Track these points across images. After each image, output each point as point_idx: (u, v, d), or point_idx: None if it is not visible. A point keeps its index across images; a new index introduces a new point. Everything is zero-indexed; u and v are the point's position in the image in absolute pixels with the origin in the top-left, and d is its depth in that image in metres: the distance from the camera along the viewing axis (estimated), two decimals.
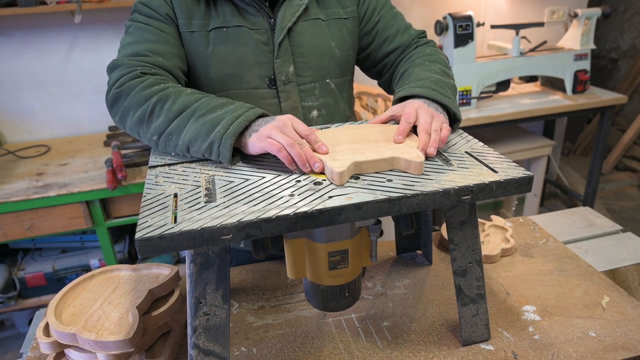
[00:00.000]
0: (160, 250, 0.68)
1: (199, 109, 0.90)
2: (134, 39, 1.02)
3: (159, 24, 1.04)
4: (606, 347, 0.90)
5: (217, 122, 0.87)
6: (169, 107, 0.91)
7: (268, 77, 1.09)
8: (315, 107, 1.14)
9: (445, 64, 1.11)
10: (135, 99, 0.93)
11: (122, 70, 0.97)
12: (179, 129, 0.90)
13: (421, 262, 1.18)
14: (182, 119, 0.90)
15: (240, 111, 0.88)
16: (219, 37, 1.05)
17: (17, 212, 1.94)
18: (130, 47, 1.01)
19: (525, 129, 3.10)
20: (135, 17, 1.05)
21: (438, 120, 0.92)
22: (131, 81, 0.95)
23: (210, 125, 0.87)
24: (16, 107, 2.43)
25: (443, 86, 1.00)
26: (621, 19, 4.16)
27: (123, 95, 0.95)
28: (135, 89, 0.94)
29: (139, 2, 1.06)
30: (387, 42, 1.18)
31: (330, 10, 1.13)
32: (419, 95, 0.98)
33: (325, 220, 0.73)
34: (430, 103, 0.96)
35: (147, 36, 1.02)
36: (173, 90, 0.93)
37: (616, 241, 1.48)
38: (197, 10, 1.05)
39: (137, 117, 0.93)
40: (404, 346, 0.93)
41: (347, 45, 1.15)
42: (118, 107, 0.96)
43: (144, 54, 1.00)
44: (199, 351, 0.79)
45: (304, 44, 1.10)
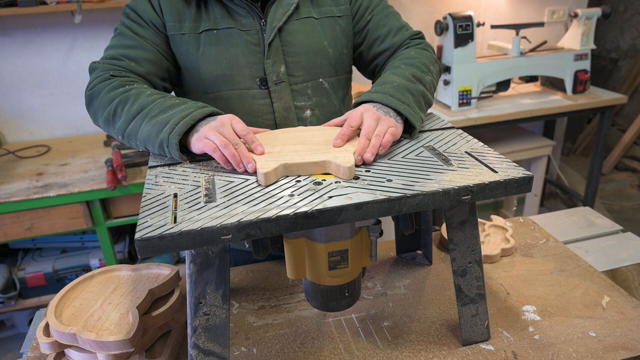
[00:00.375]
0: (160, 250, 0.68)
1: (153, 110, 0.93)
2: (114, 43, 1.08)
3: (141, 29, 1.06)
4: (606, 347, 0.90)
5: (165, 122, 0.90)
6: (128, 109, 0.95)
7: (259, 77, 1.08)
8: (308, 106, 1.13)
9: (424, 68, 1.06)
10: (102, 100, 0.98)
11: (96, 74, 1.03)
12: (135, 129, 0.94)
13: (421, 262, 1.18)
14: (137, 120, 0.94)
15: (188, 111, 0.90)
16: (209, 39, 1.06)
17: (17, 212, 1.94)
18: (109, 51, 1.07)
19: (525, 129, 3.10)
20: (122, 21, 1.09)
21: (383, 124, 0.90)
22: (101, 83, 1.00)
23: (159, 126, 0.90)
24: (16, 107, 2.43)
25: (403, 92, 0.97)
26: (621, 19, 4.16)
27: (94, 96, 1.00)
28: (103, 91, 0.99)
29: (127, 7, 1.08)
30: (378, 43, 1.16)
31: (323, 9, 1.13)
32: (374, 100, 0.96)
33: (325, 220, 0.73)
34: (382, 107, 0.94)
35: (126, 42, 1.06)
36: (134, 92, 0.97)
37: (616, 241, 1.48)
38: (188, 13, 1.06)
39: (104, 117, 0.99)
40: (404, 346, 0.93)
41: (340, 44, 1.14)
42: (91, 109, 1.02)
43: (118, 57, 1.04)
44: (199, 351, 0.79)
45: (295, 44, 1.09)
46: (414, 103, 0.97)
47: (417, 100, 0.99)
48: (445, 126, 1.04)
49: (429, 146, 0.93)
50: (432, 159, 0.87)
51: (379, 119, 0.90)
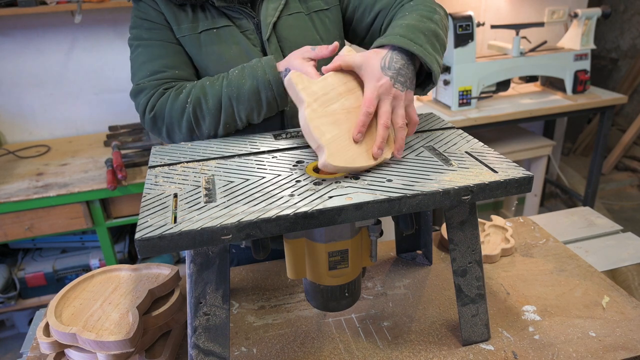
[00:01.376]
0: (160, 250, 0.68)
1: (231, 92, 0.97)
2: (146, 57, 1.04)
3: (163, 34, 1.05)
4: (606, 347, 0.90)
5: (256, 91, 0.95)
6: (207, 108, 0.98)
7: None
8: None
9: (430, 9, 0.99)
10: (173, 114, 1.00)
11: (147, 94, 1.02)
12: (230, 117, 0.98)
13: (421, 262, 1.18)
14: (226, 109, 0.98)
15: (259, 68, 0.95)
16: (210, 38, 1.06)
17: (17, 212, 1.94)
18: (145, 66, 1.04)
19: (525, 129, 3.10)
20: (138, 35, 1.06)
21: (400, 106, 0.85)
22: (159, 100, 1.01)
23: (255, 96, 0.95)
24: (16, 107, 2.43)
25: (414, 31, 0.90)
26: (621, 19, 4.16)
27: (158, 117, 1.01)
28: (167, 106, 1.00)
29: (136, 17, 1.07)
30: (368, 11, 1.12)
31: (310, 3, 1.12)
32: (383, 45, 0.89)
33: (325, 220, 0.73)
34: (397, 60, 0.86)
35: (158, 51, 1.04)
36: (197, 91, 0.99)
37: (616, 241, 1.48)
38: (184, 15, 1.06)
39: (185, 128, 1.01)
40: (404, 346, 0.93)
41: (333, 36, 1.14)
42: (160, 129, 1.03)
43: (160, 70, 1.04)
44: (199, 351, 0.79)
45: (290, 39, 1.09)
46: (427, 43, 0.91)
47: (430, 40, 0.92)
48: (445, 126, 1.04)
49: (429, 146, 0.93)
50: (432, 159, 0.87)
51: (395, 97, 0.84)
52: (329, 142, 0.81)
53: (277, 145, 0.97)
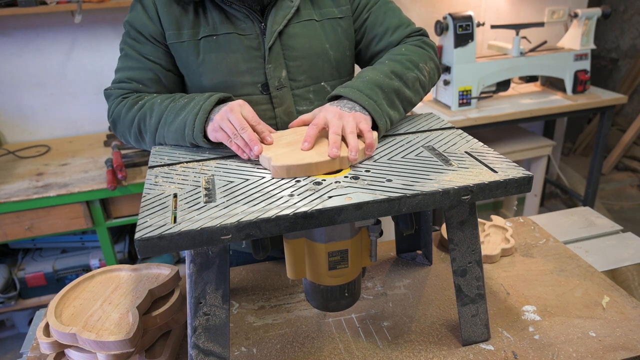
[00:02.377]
0: (160, 250, 0.68)
1: (168, 117, 0.99)
2: (120, 65, 1.10)
3: (142, 47, 1.07)
4: (606, 347, 0.90)
5: (183, 125, 0.95)
6: (149, 123, 1.02)
7: (260, 83, 1.07)
8: (310, 111, 1.11)
9: (409, 65, 1.03)
10: (124, 123, 1.05)
11: (111, 100, 1.09)
12: (163, 138, 1.01)
13: (421, 262, 1.18)
14: (160, 130, 1.00)
15: (197, 107, 0.95)
16: (209, 45, 1.05)
17: (17, 212, 1.94)
18: (117, 74, 1.10)
19: (525, 129, 3.10)
20: (125, 40, 1.10)
21: (348, 119, 0.89)
22: (117, 108, 1.07)
23: (180, 130, 0.96)
24: (16, 107, 2.43)
25: (372, 87, 0.96)
26: (621, 19, 4.16)
27: (116, 122, 1.07)
28: (122, 114, 1.05)
29: (127, 23, 1.08)
30: (375, 42, 1.14)
31: (324, 10, 1.11)
32: (341, 95, 0.96)
33: (325, 220, 0.73)
34: (348, 103, 0.94)
35: (130, 63, 1.08)
36: (148, 105, 1.03)
37: (616, 241, 1.48)
38: (186, 19, 1.05)
39: (133, 137, 1.06)
40: (404, 346, 0.93)
41: (343, 46, 1.13)
42: (118, 133, 1.10)
43: (125, 81, 1.08)
44: (199, 351, 0.79)
45: (296, 47, 1.08)
46: (383, 99, 0.96)
47: (388, 97, 0.97)
48: (445, 126, 1.04)
49: (429, 146, 0.93)
50: (432, 159, 0.87)
51: (342, 116, 0.90)
52: (276, 154, 0.86)
53: None
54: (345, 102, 0.94)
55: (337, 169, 0.84)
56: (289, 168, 0.83)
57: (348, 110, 0.92)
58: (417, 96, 1.05)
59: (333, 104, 0.94)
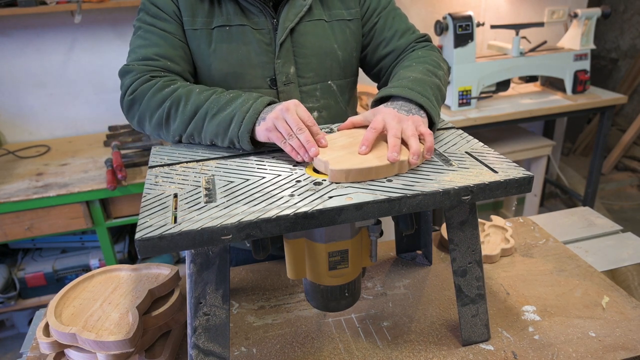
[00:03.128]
0: (160, 250, 0.68)
1: (211, 108, 0.94)
2: (143, 42, 1.04)
3: (166, 24, 1.05)
4: (606, 347, 0.90)
5: (229, 120, 0.91)
6: (182, 110, 0.95)
7: (269, 77, 1.08)
8: (315, 108, 1.13)
9: (435, 64, 1.06)
10: (150, 103, 0.98)
11: (133, 76, 1.00)
12: (197, 130, 0.95)
13: (421, 262, 1.18)
14: (197, 121, 0.95)
15: (248, 104, 0.92)
16: (221, 35, 1.05)
17: (17, 212, 1.94)
18: (140, 50, 1.04)
19: (525, 129, 3.10)
20: (142, 18, 1.06)
21: (408, 123, 0.86)
22: (143, 86, 0.99)
23: (224, 125, 0.92)
24: (16, 107, 2.43)
25: (422, 84, 0.95)
26: (621, 19, 4.16)
27: (137, 100, 0.99)
28: (148, 94, 0.98)
29: (146, 1, 1.07)
30: (383, 45, 1.16)
31: (334, 12, 1.12)
32: (394, 95, 0.95)
33: (325, 221, 0.73)
34: (404, 105, 0.92)
35: (156, 39, 1.03)
36: (183, 91, 0.97)
37: (616, 241, 1.48)
38: (201, 8, 1.05)
39: (155, 121, 0.98)
40: (404, 346, 0.93)
41: (350, 47, 1.14)
42: (134, 112, 1.01)
43: (153, 57, 1.02)
44: (199, 351, 0.79)
45: (306, 45, 1.09)
46: (433, 97, 0.95)
47: (435, 94, 0.97)
48: (445, 126, 1.04)
49: None
50: (432, 159, 0.87)
51: (400, 120, 0.87)
52: (333, 158, 0.83)
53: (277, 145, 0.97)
54: (401, 104, 0.92)
55: (396, 173, 0.83)
56: (348, 172, 0.80)
57: (405, 113, 0.90)
58: (446, 94, 1.06)
59: (388, 106, 0.92)
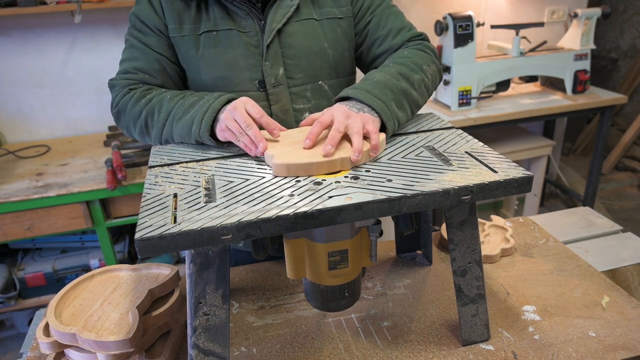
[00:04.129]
0: (160, 250, 0.68)
1: (177, 113, 0.99)
2: (126, 56, 1.10)
3: (148, 38, 1.08)
4: (606, 347, 0.90)
5: (191, 122, 0.96)
6: (157, 119, 1.02)
7: (257, 79, 1.08)
8: (307, 109, 1.12)
9: (414, 67, 1.03)
10: (130, 115, 1.05)
11: (116, 91, 1.08)
12: (169, 134, 1.01)
13: (421, 262, 1.18)
14: (168, 126, 1.01)
15: (207, 105, 0.95)
16: (208, 40, 1.06)
17: (17, 212, 1.94)
18: (123, 64, 1.10)
19: (525, 129, 3.10)
20: (130, 31, 1.11)
21: (355, 120, 0.88)
22: (123, 99, 1.06)
23: (187, 128, 0.96)
24: (16, 107, 2.43)
25: (382, 88, 0.95)
26: (621, 19, 4.16)
27: (121, 113, 1.07)
28: (128, 106, 1.05)
29: (133, 15, 1.09)
30: (377, 44, 1.14)
31: (324, 10, 1.11)
32: (349, 96, 0.96)
33: (325, 220, 0.73)
34: (357, 104, 0.93)
35: (136, 54, 1.08)
36: (157, 100, 1.03)
37: (616, 241, 1.48)
38: (187, 14, 1.06)
39: (138, 131, 1.06)
40: (404, 346, 0.93)
41: (341, 46, 1.13)
42: (121, 124, 1.10)
43: (131, 71, 1.08)
44: (199, 351, 0.79)
45: (294, 46, 1.08)
46: (392, 100, 0.96)
47: (397, 98, 0.97)
48: (445, 126, 1.04)
49: (429, 146, 0.93)
50: (432, 159, 0.87)
51: (349, 115, 0.90)
52: (279, 152, 0.86)
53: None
54: (354, 103, 0.94)
55: (338, 170, 0.84)
56: (289, 167, 0.83)
57: (356, 110, 0.92)
58: (423, 98, 1.05)
59: (342, 104, 0.94)
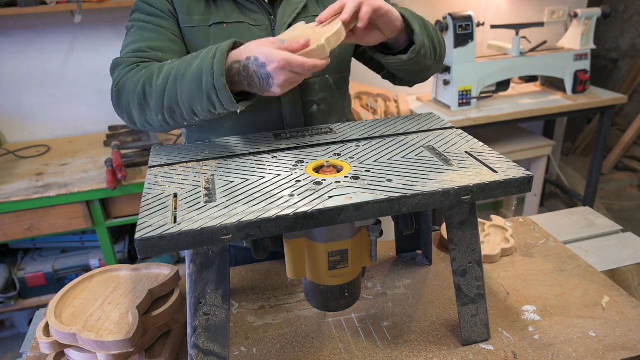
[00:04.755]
0: (160, 250, 0.68)
1: (179, 70, 0.90)
2: (134, 38, 1.04)
3: (161, 21, 1.05)
4: (606, 347, 0.90)
5: (200, 72, 0.86)
6: (155, 83, 0.92)
7: None
8: (315, 102, 1.13)
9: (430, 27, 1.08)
10: (129, 88, 0.95)
11: (121, 69, 0.99)
12: (173, 99, 0.90)
13: (421, 262, 1.18)
14: (170, 88, 0.90)
15: (212, 51, 0.88)
16: (219, 32, 1.06)
17: (17, 212, 1.94)
18: (131, 45, 1.03)
19: (525, 129, 3.10)
20: (136, 17, 1.07)
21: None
22: (125, 76, 0.97)
23: (197, 80, 0.87)
24: (16, 107, 2.43)
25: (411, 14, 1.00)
26: (621, 19, 4.16)
27: (121, 91, 0.97)
28: (128, 81, 0.96)
29: (140, 1, 1.07)
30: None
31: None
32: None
33: (325, 220, 0.73)
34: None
35: (148, 34, 1.03)
36: (156, 66, 0.95)
37: (616, 241, 1.48)
38: (197, 6, 1.06)
39: (137, 105, 0.95)
40: (404, 346, 0.93)
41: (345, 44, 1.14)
42: (122, 104, 0.98)
43: (143, 50, 1.01)
44: (199, 351, 0.79)
45: None
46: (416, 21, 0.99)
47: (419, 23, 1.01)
48: (445, 126, 1.04)
49: (429, 146, 0.93)
50: (432, 159, 0.87)
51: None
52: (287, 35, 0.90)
53: (277, 145, 0.97)
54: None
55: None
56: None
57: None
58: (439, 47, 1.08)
59: None
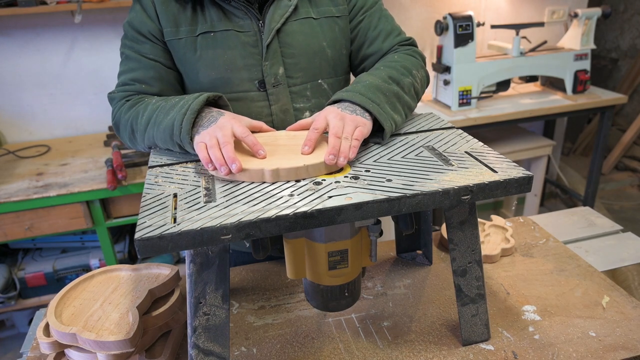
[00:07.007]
0: (160, 250, 0.68)
1: (158, 116, 0.96)
2: (123, 68, 1.09)
3: (141, 47, 1.06)
4: (606, 347, 0.90)
5: (171, 125, 0.91)
6: (139, 122, 0.99)
7: (257, 79, 1.07)
8: (307, 108, 1.12)
9: (404, 71, 1.04)
10: (122, 124, 1.04)
11: (115, 104, 1.08)
12: (152, 139, 0.98)
13: (421, 262, 1.18)
14: (149, 130, 0.97)
15: (186, 106, 0.91)
16: (206, 41, 1.05)
17: (17, 212, 1.94)
18: (120, 77, 1.09)
19: (525, 129, 3.10)
20: (123, 43, 1.10)
21: (349, 123, 0.88)
22: (119, 110, 1.06)
23: (169, 130, 0.92)
24: (16, 107, 2.43)
25: (374, 91, 0.96)
26: (621, 19, 4.16)
27: (118, 125, 1.07)
28: (122, 117, 1.04)
29: (126, 24, 1.08)
30: (367, 45, 1.15)
31: (322, 9, 1.11)
32: (343, 99, 0.95)
33: (324, 220, 0.73)
34: (349, 106, 0.93)
35: (132, 65, 1.07)
36: (142, 106, 1.02)
37: (616, 241, 1.48)
38: (183, 16, 1.05)
39: (128, 138, 1.04)
40: (404, 346, 0.93)
41: (339, 44, 1.13)
42: (119, 134, 1.08)
43: (128, 83, 1.07)
44: (199, 351, 0.79)
45: (294, 45, 1.08)
46: (385, 103, 0.96)
47: (390, 101, 0.97)
48: (445, 126, 1.04)
49: (429, 146, 0.93)
50: (432, 159, 0.87)
51: (343, 118, 0.89)
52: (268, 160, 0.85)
53: None
54: (347, 105, 0.94)
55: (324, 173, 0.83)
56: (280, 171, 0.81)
57: (350, 112, 0.91)
58: (414, 102, 1.06)
59: (334, 107, 0.94)
